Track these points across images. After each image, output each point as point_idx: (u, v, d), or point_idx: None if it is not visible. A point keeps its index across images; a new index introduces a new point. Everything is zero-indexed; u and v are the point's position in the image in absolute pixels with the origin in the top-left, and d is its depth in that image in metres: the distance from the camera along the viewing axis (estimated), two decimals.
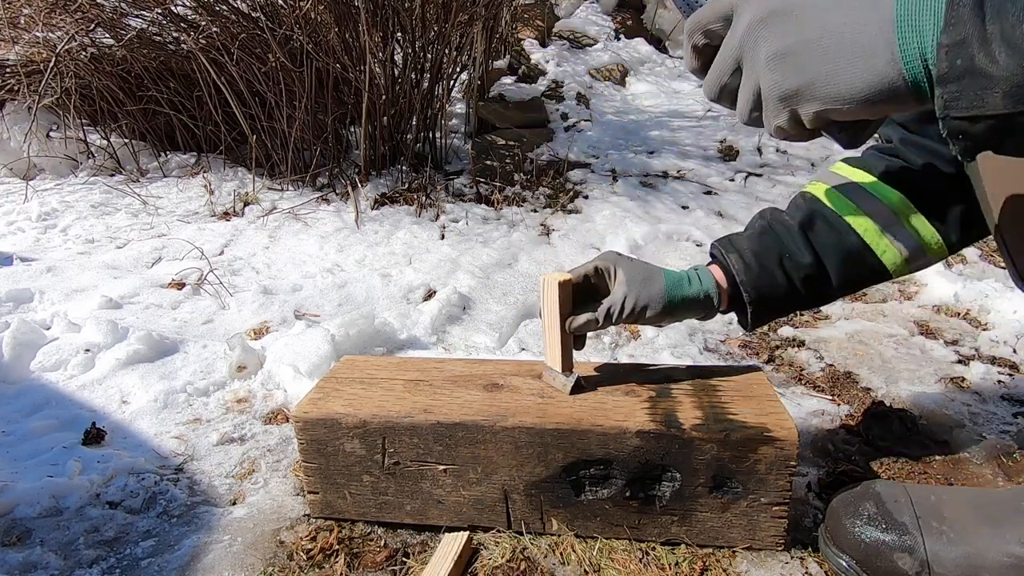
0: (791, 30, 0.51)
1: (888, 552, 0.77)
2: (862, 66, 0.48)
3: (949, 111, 0.46)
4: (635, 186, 2.59)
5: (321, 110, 2.49)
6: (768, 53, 0.52)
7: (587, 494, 0.86)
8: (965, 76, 0.45)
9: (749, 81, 0.55)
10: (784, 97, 0.52)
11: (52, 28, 2.56)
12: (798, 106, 0.52)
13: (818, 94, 0.50)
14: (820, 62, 0.50)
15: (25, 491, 0.97)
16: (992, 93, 0.44)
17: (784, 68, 0.51)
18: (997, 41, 0.43)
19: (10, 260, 1.90)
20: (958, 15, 0.45)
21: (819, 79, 0.50)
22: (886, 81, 0.48)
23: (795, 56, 0.51)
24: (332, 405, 0.90)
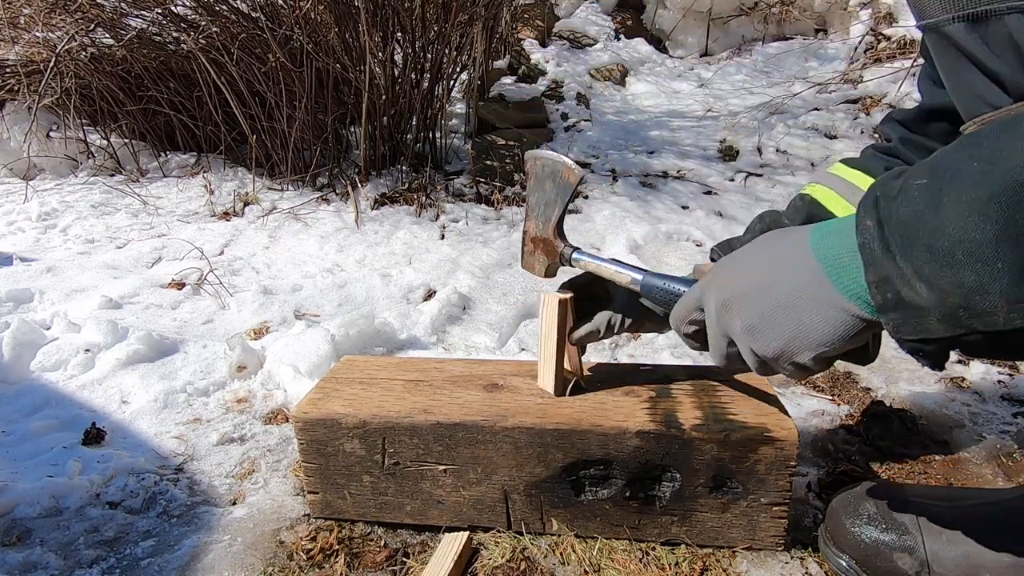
0: (748, 307, 0.59)
1: (888, 552, 0.77)
2: (823, 316, 0.54)
3: (900, 334, 0.50)
4: (635, 186, 2.59)
5: (321, 110, 2.49)
6: (741, 328, 0.60)
7: (587, 494, 0.86)
8: (899, 307, 0.49)
9: (744, 349, 0.62)
10: (775, 358, 0.59)
11: (52, 28, 2.56)
12: (792, 360, 0.58)
13: (801, 347, 0.56)
14: (785, 324, 0.56)
15: (25, 491, 0.97)
16: (929, 320, 0.48)
17: (760, 336, 0.58)
18: (914, 277, 0.47)
19: (10, 260, 1.90)
20: (872, 256, 0.49)
21: (794, 336, 0.56)
22: (848, 320, 0.53)
23: (763, 326, 0.58)
24: (332, 405, 0.90)
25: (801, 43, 4.18)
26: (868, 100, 3.13)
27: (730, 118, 3.27)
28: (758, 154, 2.89)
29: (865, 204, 0.51)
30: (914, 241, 0.47)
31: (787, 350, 0.57)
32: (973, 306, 0.45)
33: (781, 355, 0.58)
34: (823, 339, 0.55)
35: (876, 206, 0.50)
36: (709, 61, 4.32)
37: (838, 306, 0.53)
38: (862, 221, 0.51)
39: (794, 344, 0.56)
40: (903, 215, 0.48)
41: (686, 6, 4.28)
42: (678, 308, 0.70)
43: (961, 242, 0.44)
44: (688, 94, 3.78)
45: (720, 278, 0.63)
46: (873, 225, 0.49)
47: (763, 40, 4.40)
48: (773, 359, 0.59)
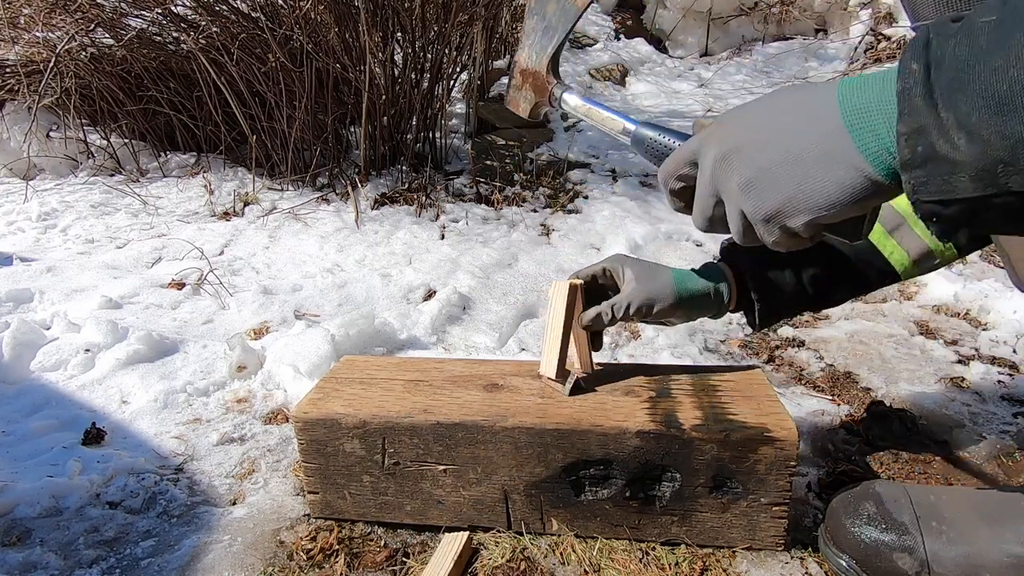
0: (751, 160, 0.54)
1: (888, 552, 0.77)
2: (830, 175, 0.50)
3: (919, 195, 0.47)
4: (635, 186, 2.59)
5: (321, 110, 2.49)
6: (739, 183, 0.55)
7: (587, 494, 0.86)
8: (928, 162, 0.45)
9: (732, 209, 0.57)
10: (767, 218, 0.54)
11: (52, 28, 2.56)
12: (784, 222, 0.54)
13: (798, 208, 0.52)
14: (787, 181, 0.52)
15: (25, 491, 0.97)
16: (959, 177, 0.44)
17: (757, 194, 0.54)
18: (954, 128, 0.43)
19: (10, 260, 1.90)
20: (911, 104, 0.45)
21: (794, 196, 0.52)
22: (858, 182, 0.49)
23: (762, 182, 0.53)
24: (332, 405, 0.90)
25: (801, 43, 4.18)
26: None
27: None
28: None
29: (913, 47, 0.46)
30: (966, 85, 0.42)
31: (782, 210, 0.53)
32: (1017, 160, 0.41)
33: (774, 216, 0.53)
34: (824, 201, 0.50)
35: (927, 47, 0.45)
36: (709, 61, 4.33)
37: (851, 165, 0.49)
38: (907, 65, 0.46)
39: (791, 204, 0.52)
40: (959, 54, 0.43)
41: (686, 6, 4.28)
42: (669, 160, 0.64)
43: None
44: (688, 94, 3.78)
45: (724, 130, 0.57)
46: (919, 69, 0.45)
47: (763, 40, 4.41)
48: (763, 220, 0.54)
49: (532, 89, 0.81)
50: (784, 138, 0.52)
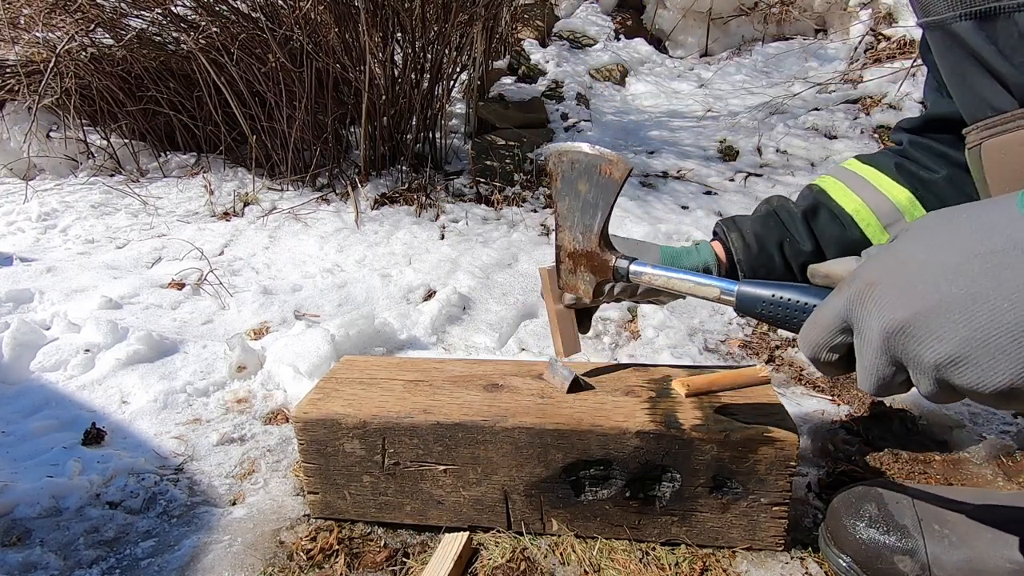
0: (950, 331, 0.43)
1: (889, 554, 0.77)
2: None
3: None
4: (635, 186, 2.59)
5: (321, 110, 2.49)
6: (938, 360, 0.44)
7: (587, 494, 0.86)
8: None
9: (925, 380, 0.47)
10: (1002, 393, 0.43)
11: (52, 28, 2.56)
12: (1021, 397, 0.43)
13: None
14: (1020, 349, 0.41)
15: (25, 491, 0.97)
16: None
17: (974, 371, 0.43)
18: None
19: (10, 260, 1.90)
20: None
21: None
22: None
23: (979, 357, 0.42)
24: (332, 405, 0.90)
25: (801, 43, 4.18)
26: (868, 100, 3.13)
27: (730, 118, 3.27)
28: (758, 154, 2.89)
29: None
30: None
31: (1017, 384, 0.41)
32: None
33: (1011, 390, 0.42)
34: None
35: None
36: (709, 61, 4.32)
37: None
38: None
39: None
40: None
41: (686, 6, 4.28)
42: (814, 332, 0.54)
43: None
44: (688, 94, 3.78)
45: (883, 291, 0.46)
46: None
47: (763, 40, 4.40)
48: (997, 395, 0.43)
49: (589, 270, 0.75)
50: (989, 298, 0.41)
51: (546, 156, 0.74)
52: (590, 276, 0.75)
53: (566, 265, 0.78)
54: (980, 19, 0.54)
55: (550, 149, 0.77)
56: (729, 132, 3.10)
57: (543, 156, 2.66)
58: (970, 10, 0.55)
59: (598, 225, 0.71)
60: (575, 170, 0.72)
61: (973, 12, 0.54)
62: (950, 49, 0.60)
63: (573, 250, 0.75)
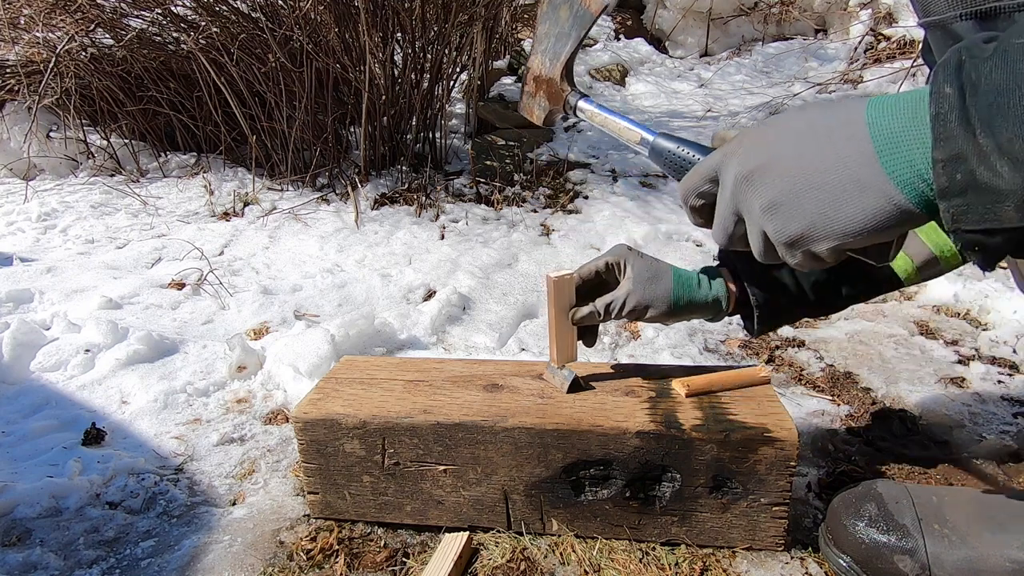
0: (775, 181, 0.52)
1: (889, 554, 0.77)
2: (858, 201, 0.48)
3: (959, 224, 0.44)
4: (635, 186, 2.59)
5: (321, 110, 2.49)
6: (761, 205, 0.53)
7: (587, 494, 0.86)
8: (968, 190, 0.43)
9: (753, 229, 0.55)
10: (791, 242, 0.52)
11: (52, 28, 2.56)
12: (809, 247, 0.52)
13: (823, 233, 0.50)
14: (813, 206, 0.50)
15: (25, 491, 0.97)
16: (1003, 207, 0.42)
17: (780, 217, 0.52)
18: (995, 155, 0.41)
19: (10, 260, 1.90)
20: (947, 130, 0.43)
21: (819, 221, 0.50)
22: (887, 210, 0.47)
23: (787, 205, 0.51)
24: (332, 405, 0.90)
25: (801, 43, 4.18)
26: None
27: (730, 118, 3.27)
28: None
29: (945, 68, 0.44)
30: (1007, 110, 0.40)
31: (806, 235, 0.51)
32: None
33: (798, 240, 0.52)
34: (852, 228, 0.48)
35: (959, 70, 0.43)
36: (709, 61, 4.32)
37: (881, 192, 0.46)
38: (939, 88, 0.44)
39: (816, 229, 0.50)
40: (996, 79, 0.41)
41: (686, 6, 4.28)
42: (689, 176, 0.62)
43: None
44: (688, 94, 3.78)
45: (747, 147, 0.55)
46: (954, 93, 0.43)
47: (763, 40, 4.40)
48: (786, 243, 0.52)
49: (546, 96, 0.80)
50: (810, 161, 0.50)
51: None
52: (545, 103, 0.80)
53: (529, 87, 0.82)
54: (980, 19, 0.54)
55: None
56: (729, 132, 3.10)
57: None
58: (970, 10, 0.55)
59: (566, 54, 0.77)
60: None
61: (973, 12, 0.54)
62: None
63: (538, 74, 0.80)
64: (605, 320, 0.89)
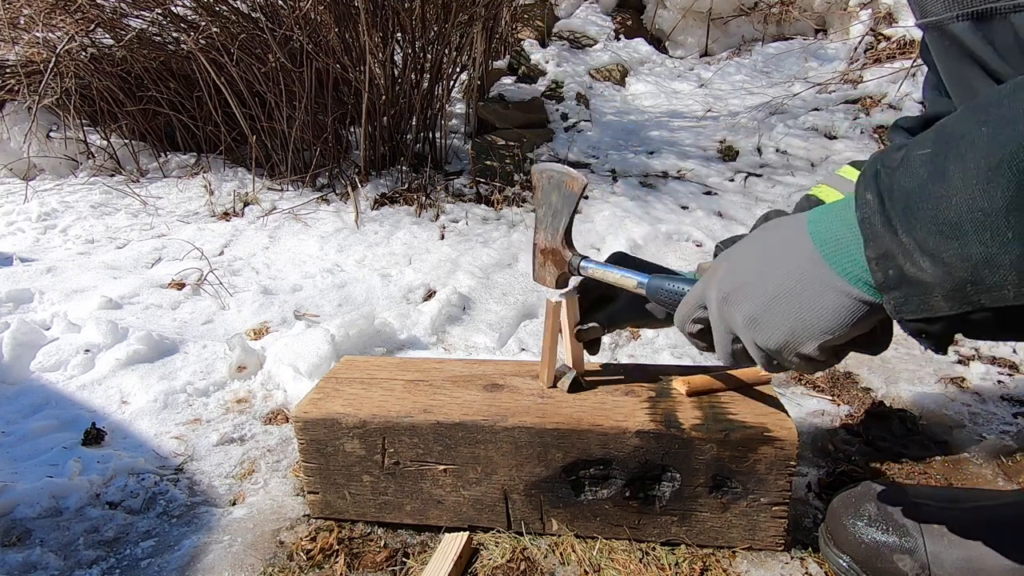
0: (748, 298, 0.57)
1: (888, 553, 0.77)
2: (823, 302, 0.52)
3: (901, 314, 0.48)
4: (635, 186, 2.59)
5: (321, 110, 2.49)
6: (742, 320, 0.58)
7: (587, 494, 0.86)
8: (901, 284, 0.47)
9: (748, 344, 0.60)
10: (779, 350, 0.56)
11: (52, 28, 2.56)
12: (797, 350, 0.56)
13: (804, 336, 0.54)
14: (786, 313, 0.54)
15: (25, 491, 0.97)
16: (933, 297, 0.45)
17: (762, 328, 0.56)
18: (917, 252, 0.45)
19: (10, 260, 1.90)
20: (873, 231, 0.47)
21: (796, 327, 0.54)
22: (850, 305, 0.51)
23: (763, 316, 0.56)
24: (332, 405, 0.90)
25: (801, 43, 4.18)
26: (868, 100, 3.13)
27: (730, 118, 3.27)
28: (758, 154, 2.89)
29: (865, 177, 0.49)
30: (917, 213, 0.44)
31: (791, 341, 0.55)
32: (981, 280, 0.43)
33: (785, 346, 0.55)
34: (826, 326, 0.52)
35: (876, 178, 0.48)
36: (709, 61, 4.32)
37: (838, 289, 0.51)
38: (861, 195, 0.48)
39: (797, 334, 0.54)
40: (905, 186, 0.45)
41: (686, 6, 4.28)
42: (681, 308, 0.68)
43: (969, 212, 0.42)
44: (688, 94, 3.78)
45: (720, 272, 0.60)
46: (873, 199, 0.47)
47: (763, 40, 4.40)
48: (777, 351, 0.56)
49: (553, 264, 0.91)
50: (771, 275, 0.55)
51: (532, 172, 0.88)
52: (554, 269, 0.91)
53: (539, 260, 0.93)
54: (977, 20, 0.55)
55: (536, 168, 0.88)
56: (729, 132, 3.10)
57: (529, 173, 2.66)
58: (966, 11, 0.55)
59: (562, 227, 0.88)
60: (551, 183, 0.88)
61: (969, 13, 0.55)
62: (948, 50, 0.60)
63: (544, 247, 0.91)
64: (610, 331, 0.93)
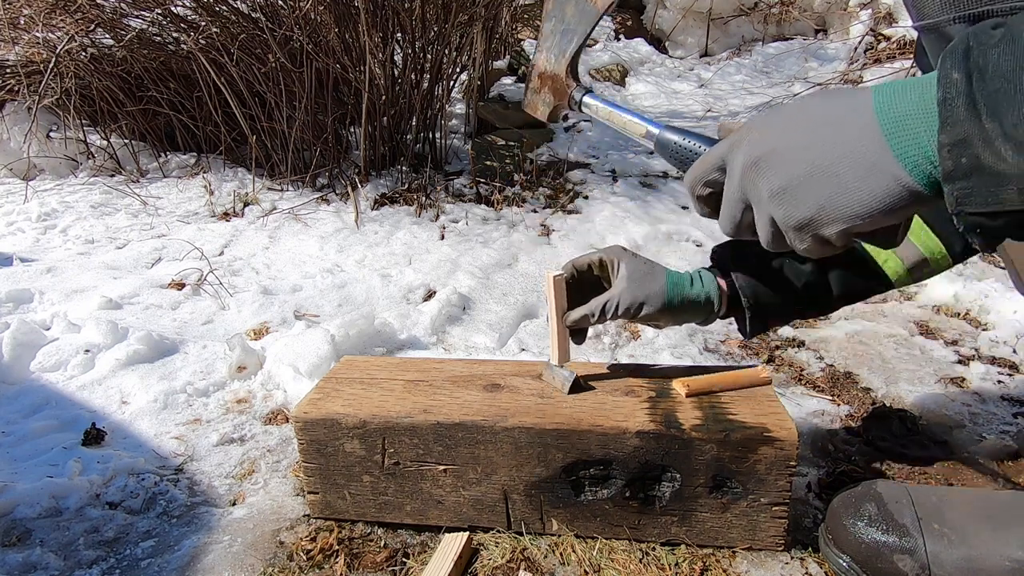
0: (784, 167, 0.52)
1: (888, 553, 0.77)
2: (867, 183, 0.48)
3: (963, 207, 0.45)
4: (635, 186, 2.59)
5: (321, 110, 2.49)
6: (769, 191, 0.53)
7: (587, 494, 0.86)
8: (973, 173, 0.44)
9: (761, 216, 0.55)
10: (799, 227, 0.52)
11: (52, 28, 2.56)
12: (817, 231, 0.52)
13: (832, 217, 0.50)
14: (821, 190, 0.50)
15: (25, 491, 0.97)
16: (1007, 190, 0.43)
17: (789, 202, 0.52)
18: (1000, 139, 0.42)
19: (10, 260, 1.90)
20: (954, 114, 0.44)
21: (827, 204, 0.50)
22: (896, 192, 0.47)
23: (795, 190, 0.51)
24: (332, 405, 0.90)
25: (801, 43, 4.18)
26: None
27: (730, 118, 3.27)
28: None
29: (953, 55, 0.44)
30: (1012, 96, 0.41)
31: (815, 219, 0.51)
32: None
33: (807, 224, 0.52)
34: (860, 210, 0.49)
35: (967, 56, 0.43)
36: (709, 61, 4.32)
37: (889, 174, 0.47)
38: (947, 74, 0.44)
39: (825, 213, 0.50)
40: (1003, 65, 0.41)
41: (686, 6, 4.28)
42: (696, 165, 0.62)
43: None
44: (688, 94, 3.78)
45: (754, 134, 0.55)
46: (961, 78, 0.43)
47: (763, 40, 4.40)
48: (796, 228, 0.52)
49: (551, 92, 0.81)
50: (818, 146, 0.50)
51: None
52: (550, 98, 0.81)
53: (534, 84, 0.83)
54: (974, 22, 0.55)
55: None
56: None
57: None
58: (964, 13, 0.55)
59: (571, 51, 0.77)
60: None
61: (967, 15, 0.55)
62: None
63: (544, 70, 0.81)
64: (601, 321, 0.90)
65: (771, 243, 0.56)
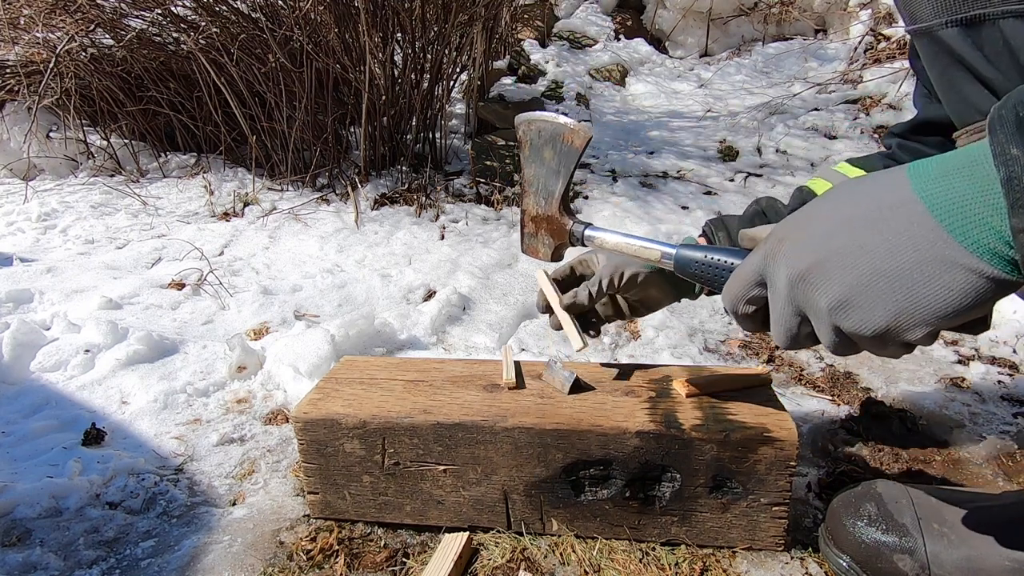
0: (837, 277, 0.48)
1: (888, 553, 0.77)
2: (942, 280, 0.44)
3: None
4: (635, 186, 2.59)
5: (321, 110, 2.49)
6: (828, 304, 0.49)
7: (587, 494, 0.86)
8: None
9: (823, 327, 0.52)
10: (878, 335, 0.48)
11: (52, 28, 2.56)
12: (902, 336, 0.48)
13: (915, 321, 0.46)
14: (893, 295, 0.46)
15: (25, 491, 0.97)
16: None
17: (858, 312, 0.48)
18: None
19: (10, 260, 1.90)
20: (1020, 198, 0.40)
21: (906, 309, 0.46)
22: (978, 284, 0.43)
23: (860, 299, 0.48)
24: (332, 405, 0.90)
25: (801, 43, 4.18)
26: (868, 100, 3.13)
27: (730, 118, 3.27)
28: (758, 154, 2.89)
29: (1003, 126, 0.40)
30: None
31: (895, 326, 0.47)
32: None
33: (886, 333, 0.47)
34: (944, 309, 0.44)
35: (1021, 127, 0.39)
36: (709, 61, 4.32)
37: (965, 267, 0.43)
38: (1004, 150, 0.40)
39: (904, 319, 0.46)
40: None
41: (686, 6, 4.28)
42: (734, 285, 0.58)
43: None
44: (688, 94, 3.78)
45: (790, 244, 0.52)
46: (1021, 154, 0.39)
47: (763, 40, 4.40)
48: (874, 338, 0.48)
49: (548, 234, 0.80)
50: (874, 249, 0.46)
51: (516, 124, 0.76)
52: (549, 239, 0.80)
53: (528, 229, 0.82)
54: (966, 26, 0.55)
55: (520, 118, 0.77)
56: (729, 132, 3.10)
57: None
58: (956, 17, 0.55)
59: (559, 191, 0.76)
60: (541, 137, 0.76)
61: (959, 19, 0.55)
62: (937, 55, 0.60)
63: (536, 214, 0.80)
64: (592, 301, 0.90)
65: (839, 351, 0.53)
